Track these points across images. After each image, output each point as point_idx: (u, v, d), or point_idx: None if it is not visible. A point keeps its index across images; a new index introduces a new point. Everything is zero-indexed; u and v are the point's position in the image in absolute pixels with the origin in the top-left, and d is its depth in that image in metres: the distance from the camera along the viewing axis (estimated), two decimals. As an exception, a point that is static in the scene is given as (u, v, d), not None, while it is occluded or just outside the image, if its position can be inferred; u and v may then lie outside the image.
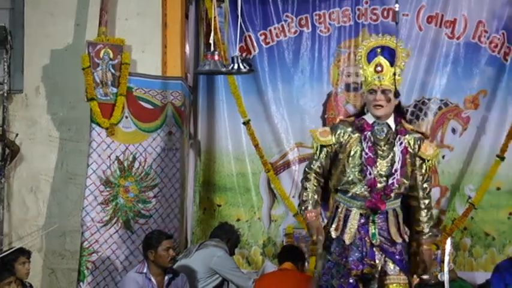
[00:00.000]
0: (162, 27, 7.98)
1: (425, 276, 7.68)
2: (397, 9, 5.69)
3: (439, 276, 7.61)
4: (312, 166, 5.67)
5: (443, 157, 8.29)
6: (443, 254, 7.66)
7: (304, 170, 5.73)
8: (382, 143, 5.57)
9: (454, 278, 7.62)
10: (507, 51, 8.18)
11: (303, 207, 5.62)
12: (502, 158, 7.97)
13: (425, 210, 5.71)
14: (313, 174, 5.65)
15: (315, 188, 5.65)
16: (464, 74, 8.26)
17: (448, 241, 7.51)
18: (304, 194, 5.64)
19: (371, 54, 5.64)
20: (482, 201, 8.11)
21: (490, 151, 8.20)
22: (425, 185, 5.73)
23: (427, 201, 5.72)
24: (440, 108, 8.30)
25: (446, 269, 6.36)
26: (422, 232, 5.71)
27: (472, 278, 8.11)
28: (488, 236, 8.29)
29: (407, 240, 5.68)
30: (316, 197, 5.64)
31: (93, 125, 7.59)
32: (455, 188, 8.31)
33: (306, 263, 7.83)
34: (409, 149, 5.62)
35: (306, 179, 5.68)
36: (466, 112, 8.29)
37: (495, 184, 8.19)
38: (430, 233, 5.75)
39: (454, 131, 8.31)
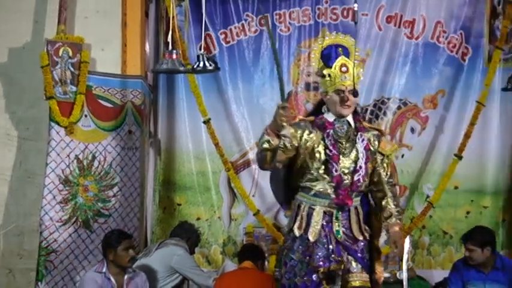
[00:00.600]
0: (121, 26, 7.94)
1: (385, 275, 7.76)
2: (356, 8, 5.70)
3: (397, 274, 7.67)
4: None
5: (402, 156, 8.36)
6: (402, 252, 7.73)
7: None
8: (343, 141, 5.63)
9: (413, 276, 7.67)
10: (465, 51, 8.26)
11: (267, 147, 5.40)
12: (460, 157, 8.04)
13: (392, 198, 5.78)
14: None
15: None
16: (423, 74, 8.33)
17: (407, 240, 7.56)
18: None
19: (326, 53, 5.69)
20: (440, 200, 8.18)
21: (448, 150, 8.28)
22: (390, 180, 5.81)
23: (393, 191, 5.79)
24: (399, 107, 8.35)
25: (404, 267, 6.40)
26: (391, 216, 5.74)
27: (430, 276, 8.18)
28: (446, 234, 8.38)
29: (368, 238, 5.73)
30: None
31: (52, 124, 7.53)
32: (414, 187, 8.38)
33: (266, 262, 7.85)
34: (370, 146, 5.69)
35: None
36: (424, 112, 8.36)
37: (453, 183, 8.27)
38: (400, 217, 5.77)
39: (413, 130, 8.37)
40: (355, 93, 5.59)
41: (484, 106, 8.01)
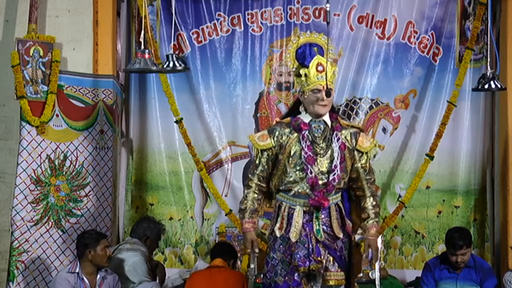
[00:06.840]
0: (93, 25, 7.92)
1: (358, 274, 7.78)
2: (328, 9, 5.71)
3: (370, 274, 7.70)
4: (254, 172, 5.80)
5: (374, 156, 8.36)
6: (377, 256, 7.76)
7: (247, 176, 5.85)
8: (320, 141, 5.67)
9: (385, 276, 7.71)
10: (436, 51, 8.29)
11: (241, 216, 5.78)
12: (432, 157, 8.07)
13: (371, 198, 5.88)
14: (256, 181, 5.78)
15: (255, 196, 5.78)
16: (395, 74, 8.34)
17: (379, 239, 7.61)
18: (244, 201, 5.79)
19: (300, 51, 5.71)
20: (412, 199, 8.21)
21: (419, 150, 8.31)
22: (368, 176, 5.88)
23: (372, 189, 5.85)
24: (371, 107, 8.38)
25: (377, 267, 6.43)
26: (368, 218, 5.83)
27: (402, 276, 8.22)
28: (418, 234, 8.40)
29: (350, 233, 5.79)
30: (254, 206, 5.76)
31: (23, 123, 7.49)
32: (386, 187, 8.41)
33: (239, 262, 7.85)
34: (347, 144, 5.75)
35: (247, 186, 5.81)
36: (396, 112, 8.38)
37: (425, 183, 8.31)
38: (377, 219, 5.85)
39: (384, 130, 8.40)
40: (327, 93, 5.62)
41: (455, 106, 8.04)
